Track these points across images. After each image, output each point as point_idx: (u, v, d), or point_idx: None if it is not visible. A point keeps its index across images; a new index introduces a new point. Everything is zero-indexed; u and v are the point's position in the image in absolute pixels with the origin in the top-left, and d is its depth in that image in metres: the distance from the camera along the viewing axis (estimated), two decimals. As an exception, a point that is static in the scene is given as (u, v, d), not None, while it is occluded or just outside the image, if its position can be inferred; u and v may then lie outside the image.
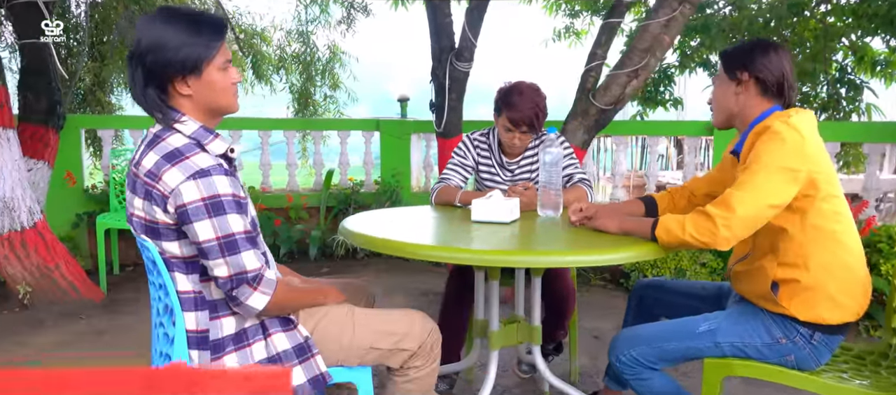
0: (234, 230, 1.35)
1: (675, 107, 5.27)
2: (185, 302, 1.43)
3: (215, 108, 1.44)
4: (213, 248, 1.34)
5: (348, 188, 5.14)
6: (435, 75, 3.69)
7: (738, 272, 1.81)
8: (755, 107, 1.72)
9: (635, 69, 3.35)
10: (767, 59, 1.70)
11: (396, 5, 5.18)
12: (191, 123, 1.40)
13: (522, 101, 2.27)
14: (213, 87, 1.39)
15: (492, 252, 1.62)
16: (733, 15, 5.12)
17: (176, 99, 1.39)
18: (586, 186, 2.43)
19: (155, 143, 1.38)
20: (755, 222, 1.58)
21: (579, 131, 3.50)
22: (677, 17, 3.32)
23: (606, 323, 3.47)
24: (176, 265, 1.42)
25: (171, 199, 1.32)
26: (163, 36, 1.33)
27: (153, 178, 1.34)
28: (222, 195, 1.33)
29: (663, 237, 1.64)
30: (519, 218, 2.07)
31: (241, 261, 1.36)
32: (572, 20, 6.27)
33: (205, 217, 1.32)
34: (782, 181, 1.56)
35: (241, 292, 1.39)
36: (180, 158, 1.34)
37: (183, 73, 1.35)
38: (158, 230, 1.38)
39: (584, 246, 1.68)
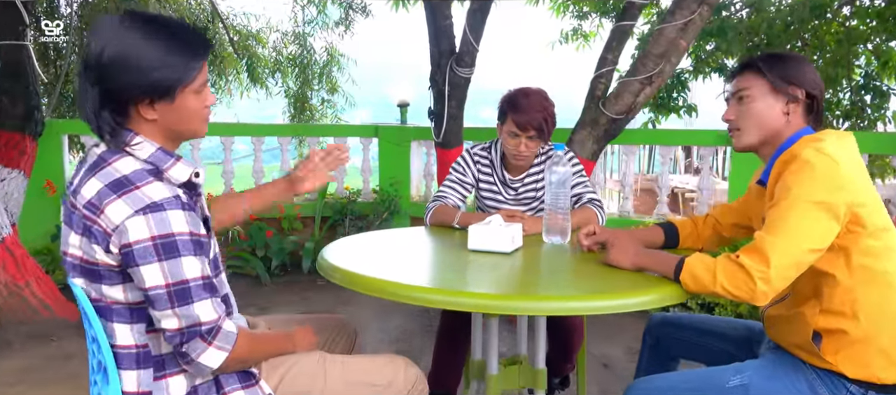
0: (187, 276, 1.12)
1: (689, 114, 5.01)
2: (124, 359, 1.21)
3: (181, 133, 1.23)
4: (161, 297, 1.12)
5: (345, 198, 4.93)
6: (434, 81, 3.46)
7: (772, 317, 1.56)
8: (792, 129, 1.48)
9: (649, 76, 3.10)
10: (813, 70, 1.48)
11: (396, 6, 4.95)
12: (147, 146, 1.17)
13: (530, 103, 2.07)
14: (184, 112, 1.18)
15: (488, 296, 1.38)
16: (751, 17, 4.86)
17: (135, 122, 1.16)
18: (597, 207, 2.19)
19: (98, 166, 1.14)
20: (796, 269, 1.35)
21: (588, 142, 3.26)
22: (695, 20, 3.07)
23: (616, 348, 3.23)
24: (117, 314, 1.19)
25: (115, 237, 1.10)
26: (133, 50, 1.09)
27: (94, 210, 1.11)
28: (177, 234, 1.11)
29: (689, 285, 1.40)
30: (521, 247, 1.83)
31: (194, 312, 1.14)
32: (580, 22, 6.03)
33: (153, 260, 1.09)
34: (818, 219, 1.32)
35: (193, 347, 1.16)
36: (128, 187, 1.11)
37: (151, 96, 1.13)
38: (98, 272, 1.15)
39: (598, 288, 1.45)
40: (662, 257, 1.52)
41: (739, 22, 4.81)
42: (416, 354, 3.18)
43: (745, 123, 1.52)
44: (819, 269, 1.40)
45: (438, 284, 1.46)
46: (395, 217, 4.86)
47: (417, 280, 1.48)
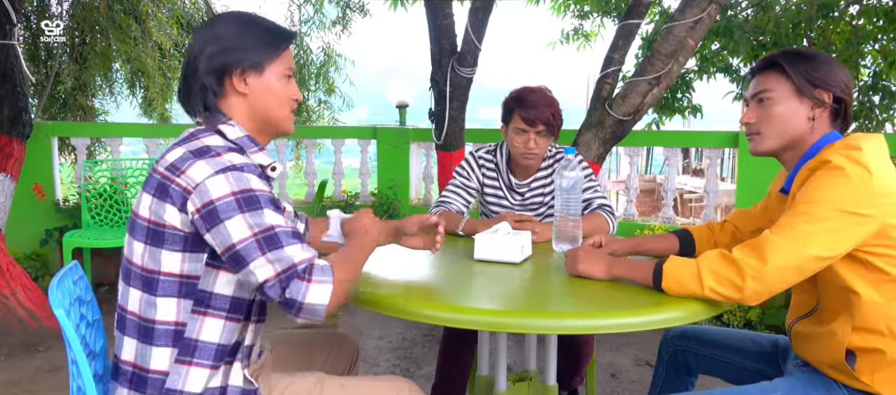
0: (272, 223, 1.13)
1: (694, 115, 4.92)
2: (161, 335, 1.17)
3: (269, 118, 1.29)
4: (249, 246, 1.10)
5: (342, 201, 4.81)
6: (434, 82, 3.35)
7: (800, 332, 1.46)
8: (819, 133, 1.38)
9: (657, 76, 3.00)
10: (845, 72, 1.37)
11: (395, 6, 4.84)
12: (237, 129, 1.24)
13: (536, 98, 2.01)
14: (271, 92, 1.27)
15: (496, 313, 1.28)
16: (757, 16, 4.77)
17: (229, 98, 1.26)
18: (608, 214, 2.08)
19: (187, 140, 1.20)
20: (795, 274, 1.25)
21: (594, 144, 3.15)
22: (704, 19, 2.97)
23: (624, 358, 3.13)
24: (165, 286, 1.17)
25: (195, 195, 1.11)
26: (228, 30, 1.25)
27: (174, 171, 1.14)
28: (256, 190, 1.14)
29: (674, 290, 1.31)
30: (531, 256, 1.73)
31: (286, 254, 1.12)
32: (581, 22, 5.93)
33: (236, 213, 1.11)
34: (840, 228, 1.22)
35: (295, 289, 1.11)
36: (211, 153, 1.16)
37: (243, 65, 1.24)
38: (162, 235, 1.15)
39: (616, 303, 1.33)
40: (637, 265, 1.41)
41: (745, 21, 4.72)
42: (418, 362, 3.08)
43: (766, 128, 1.41)
44: (846, 285, 1.30)
45: (442, 299, 1.35)
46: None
47: (418, 295, 1.37)
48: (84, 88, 5.52)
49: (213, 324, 1.19)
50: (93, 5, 5.18)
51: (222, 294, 1.19)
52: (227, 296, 1.20)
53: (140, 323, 1.18)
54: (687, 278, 1.29)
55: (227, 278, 1.19)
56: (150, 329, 1.17)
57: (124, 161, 4.23)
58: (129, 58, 5.59)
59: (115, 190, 4.06)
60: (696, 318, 1.30)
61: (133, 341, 1.19)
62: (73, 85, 5.45)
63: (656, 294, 1.34)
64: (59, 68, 5.14)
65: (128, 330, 1.20)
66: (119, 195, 4.08)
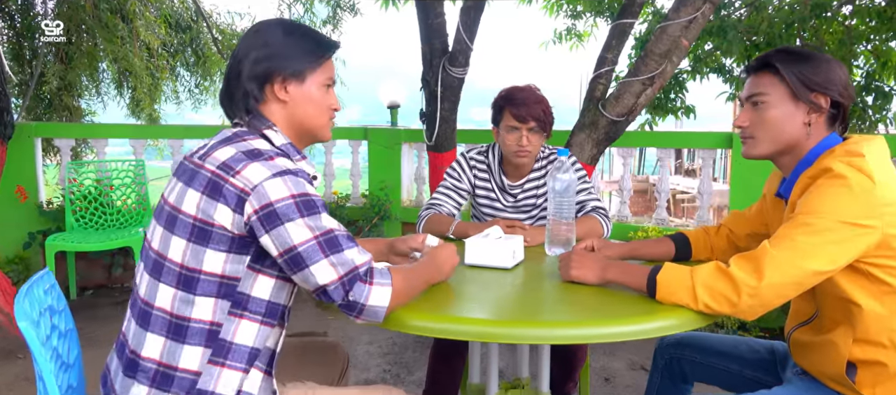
0: (331, 226, 1.16)
1: (687, 115, 4.88)
2: (195, 334, 1.15)
3: (308, 126, 1.30)
4: (311, 248, 1.12)
5: (333, 202, 4.75)
6: (425, 82, 3.30)
7: (799, 341, 1.42)
8: (816, 138, 1.33)
9: (651, 76, 2.96)
10: (845, 74, 1.31)
11: (386, 5, 4.78)
12: (281, 136, 1.26)
13: (526, 96, 1.98)
14: (311, 100, 1.28)
15: (488, 323, 1.23)
16: (750, 16, 4.74)
17: (270, 104, 1.27)
18: (602, 216, 2.04)
19: (233, 140, 1.20)
20: (793, 289, 1.20)
21: (588, 145, 3.11)
22: (698, 19, 2.93)
23: (618, 362, 3.09)
24: (205, 285, 1.14)
25: (253, 197, 1.11)
26: (273, 37, 1.26)
27: (228, 171, 1.13)
28: (312, 195, 1.16)
29: (668, 301, 1.27)
30: (523, 261, 1.68)
31: (348, 257, 1.15)
32: (574, 21, 5.89)
33: (297, 216, 1.12)
34: (841, 240, 1.18)
35: (358, 291, 1.15)
36: (264, 156, 1.16)
37: (285, 73, 1.25)
38: (209, 234, 1.13)
39: (608, 310, 1.29)
40: (632, 270, 1.36)
41: (738, 21, 4.69)
42: (409, 368, 3.03)
43: (759, 132, 1.35)
44: (846, 296, 1.25)
45: (430, 308, 1.29)
46: (385, 223, 4.70)
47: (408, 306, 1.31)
48: (70, 89, 5.43)
49: (248, 327, 1.18)
50: (78, 4, 5.09)
51: (260, 298, 1.19)
52: (263, 300, 1.19)
53: (171, 320, 1.15)
54: (681, 291, 1.24)
55: (266, 283, 1.19)
56: (184, 327, 1.15)
57: (110, 163, 4.15)
58: (116, 57, 5.50)
59: (101, 192, 3.98)
60: (691, 326, 1.26)
61: (160, 337, 1.15)
62: (58, 85, 5.35)
63: (650, 301, 1.30)
64: (43, 68, 5.04)
65: (153, 326, 1.16)
66: (104, 197, 4.00)
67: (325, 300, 1.17)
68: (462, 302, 1.39)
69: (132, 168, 4.13)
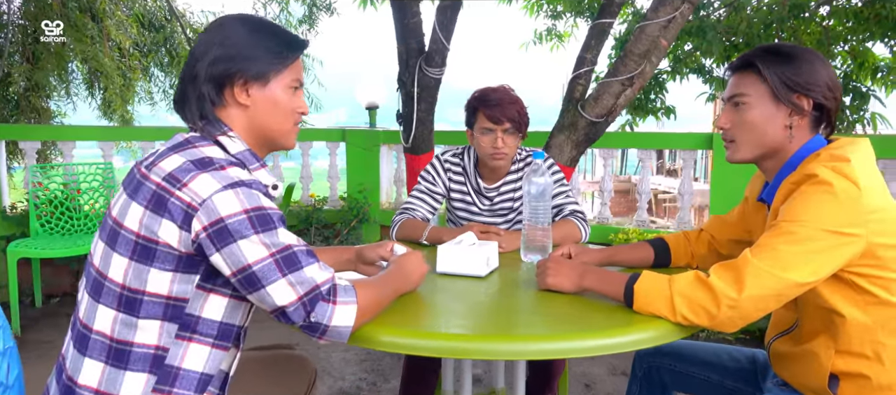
0: (289, 242, 1.06)
1: (667, 116, 4.87)
2: (138, 360, 1.06)
3: (270, 133, 1.19)
4: (268, 267, 1.03)
5: (310, 205, 4.66)
6: (401, 82, 3.23)
7: (779, 352, 1.38)
8: (799, 142, 1.27)
9: (631, 77, 2.92)
10: (829, 73, 1.24)
11: (364, 5, 4.70)
12: (238, 143, 1.15)
13: (499, 96, 1.93)
14: (275, 105, 1.17)
15: (459, 338, 1.16)
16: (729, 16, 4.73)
17: (229, 108, 1.16)
18: (579, 220, 1.99)
19: (183, 147, 1.10)
20: (774, 301, 1.15)
21: (567, 147, 3.06)
22: (677, 18, 2.90)
23: (598, 367, 3.04)
24: (149, 307, 1.05)
25: (202, 212, 1.01)
26: (235, 36, 1.15)
27: (174, 183, 1.03)
28: (267, 208, 1.05)
29: (646, 311, 1.21)
30: (497, 268, 1.62)
31: (308, 275, 1.06)
32: (554, 22, 5.85)
33: (251, 233, 1.02)
34: (821, 249, 1.12)
35: (321, 312, 1.07)
36: (215, 166, 1.06)
37: (247, 75, 1.13)
38: (154, 252, 1.03)
39: (586, 322, 1.23)
40: (610, 277, 1.30)
41: (718, 22, 4.69)
42: (385, 375, 2.95)
43: (740, 135, 1.30)
44: (829, 305, 1.21)
45: (398, 322, 1.21)
46: (364, 226, 4.62)
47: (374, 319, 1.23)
48: (38, 89, 5.26)
49: (197, 351, 1.09)
50: (46, 2, 4.94)
51: (211, 319, 1.09)
52: (215, 321, 1.10)
53: (112, 345, 1.06)
54: (658, 301, 1.18)
55: (217, 303, 1.09)
56: (125, 352, 1.05)
57: (77, 166, 4.01)
58: (86, 57, 5.34)
59: (68, 196, 3.84)
60: (669, 338, 1.20)
61: (98, 363, 1.06)
62: (26, 86, 5.19)
63: (628, 311, 1.24)
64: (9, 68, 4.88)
65: (92, 352, 1.07)
66: (71, 202, 3.86)
67: (285, 322, 1.08)
68: (431, 315, 1.32)
69: (100, 171, 4.00)
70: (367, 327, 1.16)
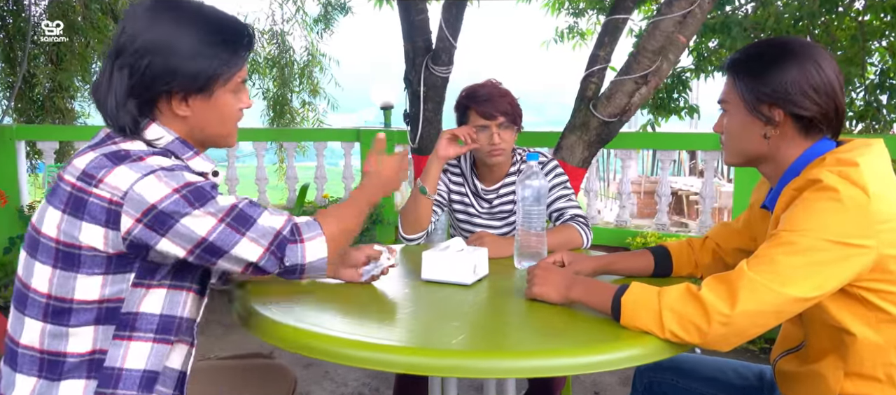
0: (232, 202, 1.01)
1: (691, 115, 4.70)
2: (74, 368, 1.00)
3: (210, 137, 1.10)
4: (224, 233, 0.98)
5: (324, 206, 4.63)
6: (408, 81, 3.16)
7: (784, 371, 1.26)
8: (794, 148, 1.16)
9: (645, 74, 2.80)
10: (807, 78, 1.10)
11: (380, 4, 4.66)
12: (166, 136, 1.04)
13: (488, 91, 1.87)
14: (218, 112, 1.07)
15: (441, 353, 1.06)
16: (756, 12, 4.55)
17: (162, 117, 1.05)
18: (581, 225, 1.89)
19: (102, 143, 1.01)
20: (773, 318, 1.04)
21: (578, 148, 2.95)
22: (695, 13, 2.77)
23: (609, 375, 2.92)
24: (79, 314, 0.98)
25: (128, 205, 0.94)
26: (172, 36, 0.98)
27: (89, 181, 0.95)
28: (197, 182, 0.98)
29: (633, 326, 1.11)
30: (486, 276, 1.53)
31: (264, 225, 1.02)
32: (576, 19, 5.72)
33: (190, 208, 0.96)
34: (825, 261, 1.01)
35: (291, 254, 1.04)
36: (133, 158, 0.97)
37: (186, 90, 1.01)
38: (76, 258, 0.96)
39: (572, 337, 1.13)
40: (598, 289, 1.20)
41: (744, 17, 4.50)
42: (389, 380, 2.89)
43: (725, 141, 1.23)
44: (837, 323, 1.09)
45: (375, 336, 1.13)
46: (377, 227, 4.56)
47: (348, 331, 1.14)
48: (61, 90, 5.36)
49: (138, 349, 1.03)
50: (69, 5, 5.02)
51: (149, 314, 1.03)
52: (154, 315, 1.03)
53: (43, 357, 1.00)
54: (646, 315, 1.08)
55: (156, 296, 1.03)
56: (58, 363, 1.00)
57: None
58: (109, 59, 5.42)
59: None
60: (658, 356, 1.10)
61: (31, 378, 1.01)
62: (50, 87, 5.29)
63: (617, 325, 1.15)
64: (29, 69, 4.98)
65: (22, 367, 1.01)
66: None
67: (260, 275, 1.05)
68: (412, 327, 1.24)
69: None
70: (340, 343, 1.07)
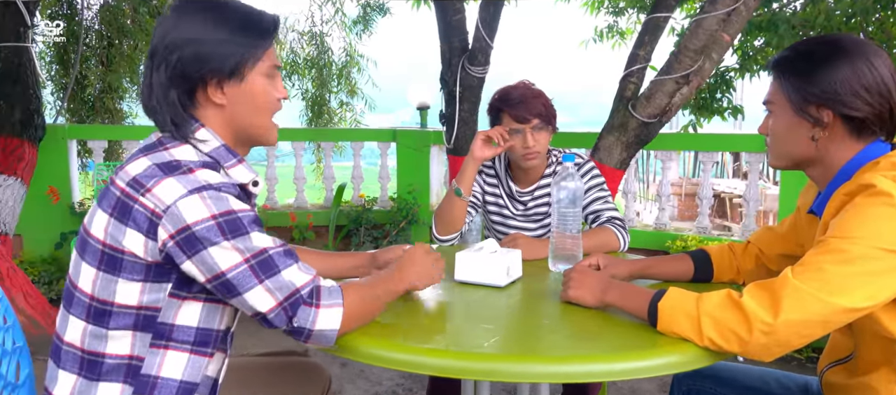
0: (264, 245, 1.00)
1: (734, 116, 4.55)
2: (112, 371, 1.03)
3: (250, 128, 1.12)
4: (243, 274, 0.98)
5: (360, 205, 4.68)
6: (444, 82, 3.17)
7: (833, 383, 1.21)
8: (844, 151, 1.11)
9: (686, 74, 2.73)
10: (859, 77, 1.06)
11: (417, 5, 4.68)
12: (212, 141, 1.08)
13: (521, 93, 1.85)
14: (253, 98, 1.10)
15: (474, 357, 1.06)
16: (805, 9, 4.38)
17: (203, 109, 1.08)
18: (618, 228, 1.85)
19: (153, 149, 1.04)
20: (820, 328, 0.99)
21: (616, 149, 2.90)
22: (740, 11, 2.69)
23: (647, 382, 2.86)
24: (118, 318, 1.01)
25: (166, 220, 0.96)
26: (199, 29, 1.05)
27: (138, 188, 0.97)
28: (238, 212, 0.99)
29: (670, 332, 1.08)
30: (520, 278, 1.52)
31: (286, 280, 1.01)
32: (616, 18, 5.62)
33: (221, 239, 0.97)
34: (878, 271, 0.97)
35: (303, 317, 1.02)
36: (182, 169, 1.00)
37: (220, 75, 1.05)
38: (119, 262, 0.99)
39: (606, 343, 1.12)
40: (635, 293, 1.18)
41: (792, 14, 4.34)
42: (422, 380, 2.89)
43: (771, 144, 1.20)
44: (889, 334, 1.04)
45: (408, 337, 1.13)
46: (412, 227, 4.58)
47: (380, 332, 1.14)
48: (111, 91, 5.55)
49: (175, 358, 1.05)
50: (118, 8, 5.20)
51: (186, 326, 1.05)
52: (191, 328, 1.06)
53: (83, 356, 1.04)
54: (684, 321, 1.05)
55: (193, 309, 1.05)
56: (97, 364, 1.03)
57: (140, 164, 4.18)
58: (155, 60, 5.60)
59: (130, 194, 4.01)
60: (696, 365, 1.07)
61: (71, 375, 1.05)
62: (101, 88, 5.49)
63: (654, 331, 1.12)
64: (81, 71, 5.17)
65: (64, 363, 1.05)
66: (133, 199, 4.03)
67: (268, 326, 1.03)
68: (444, 329, 1.23)
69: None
70: (374, 343, 1.09)
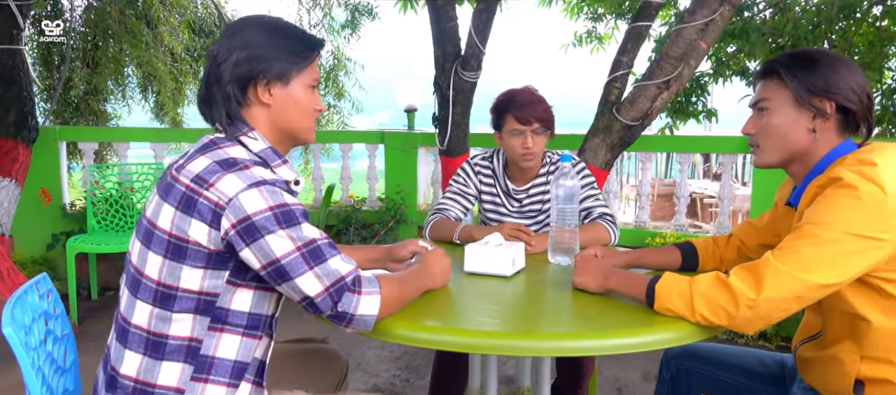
0: (313, 236, 1.14)
1: (708, 119, 4.77)
2: (174, 351, 1.14)
3: (291, 129, 1.26)
4: (295, 261, 1.11)
5: (349, 206, 4.77)
6: (437, 86, 3.29)
7: (805, 357, 1.37)
8: (826, 146, 1.27)
9: (667, 80, 2.90)
10: (854, 77, 1.24)
11: (404, 8, 4.78)
12: (260, 141, 1.21)
13: (524, 97, 1.97)
14: (295, 103, 1.24)
15: (483, 334, 1.20)
16: (774, 18, 4.62)
17: (252, 107, 1.22)
18: (608, 223, 2.00)
19: (209, 148, 1.17)
20: (795, 303, 1.15)
21: (601, 150, 3.06)
22: (716, 20, 2.87)
23: (631, 372, 3.02)
24: (182, 301, 1.13)
25: (229, 211, 1.08)
26: (256, 37, 1.21)
27: (202, 184, 1.10)
28: (291, 205, 1.12)
29: (666, 312, 1.23)
30: (523, 268, 1.65)
31: (333, 267, 1.14)
32: (595, 24, 5.82)
33: (277, 228, 1.09)
34: (845, 252, 1.13)
35: (347, 302, 1.15)
36: (239, 166, 1.13)
37: (269, 75, 1.20)
38: (184, 250, 1.11)
39: (607, 321, 1.26)
40: (633, 279, 1.34)
41: (762, 23, 4.57)
42: (418, 372, 3.01)
43: (765, 140, 1.32)
44: (854, 310, 1.20)
45: (424, 318, 1.27)
46: (401, 227, 4.69)
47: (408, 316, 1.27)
48: (96, 93, 5.55)
49: (230, 340, 1.17)
50: (105, 11, 5.20)
51: (240, 311, 1.17)
52: (244, 313, 1.17)
53: (148, 337, 1.14)
54: (678, 301, 1.21)
55: (245, 295, 1.17)
56: (161, 344, 1.14)
57: (131, 166, 4.22)
58: (141, 62, 5.61)
59: (122, 195, 4.05)
60: (689, 339, 1.22)
61: (137, 355, 1.15)
62: (85, 90, 5.48)
63: (650, 312, 1.27)
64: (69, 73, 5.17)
65: (131, 344, 1.16)
66: (125, 200, 4.07)
67: (313, 311, 1.15)
68: (456, 311, 1.37)
69: (152, 171, 4.21)
70: (393, 323, 1.21)
